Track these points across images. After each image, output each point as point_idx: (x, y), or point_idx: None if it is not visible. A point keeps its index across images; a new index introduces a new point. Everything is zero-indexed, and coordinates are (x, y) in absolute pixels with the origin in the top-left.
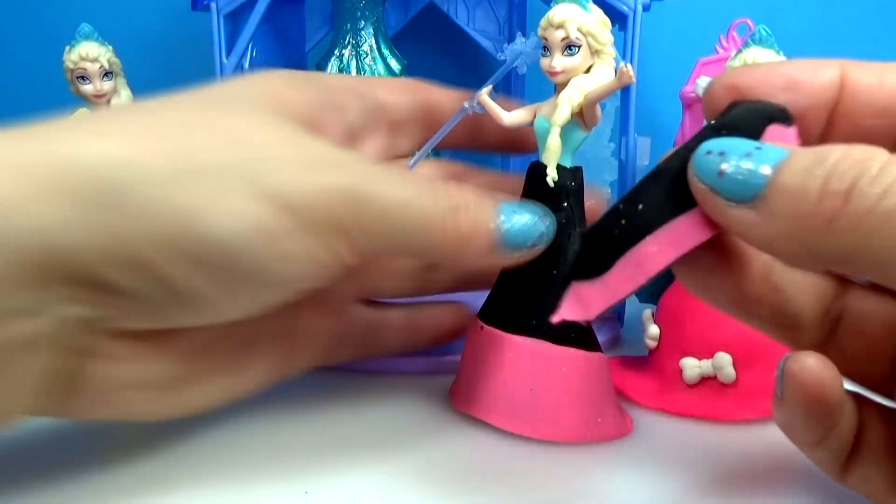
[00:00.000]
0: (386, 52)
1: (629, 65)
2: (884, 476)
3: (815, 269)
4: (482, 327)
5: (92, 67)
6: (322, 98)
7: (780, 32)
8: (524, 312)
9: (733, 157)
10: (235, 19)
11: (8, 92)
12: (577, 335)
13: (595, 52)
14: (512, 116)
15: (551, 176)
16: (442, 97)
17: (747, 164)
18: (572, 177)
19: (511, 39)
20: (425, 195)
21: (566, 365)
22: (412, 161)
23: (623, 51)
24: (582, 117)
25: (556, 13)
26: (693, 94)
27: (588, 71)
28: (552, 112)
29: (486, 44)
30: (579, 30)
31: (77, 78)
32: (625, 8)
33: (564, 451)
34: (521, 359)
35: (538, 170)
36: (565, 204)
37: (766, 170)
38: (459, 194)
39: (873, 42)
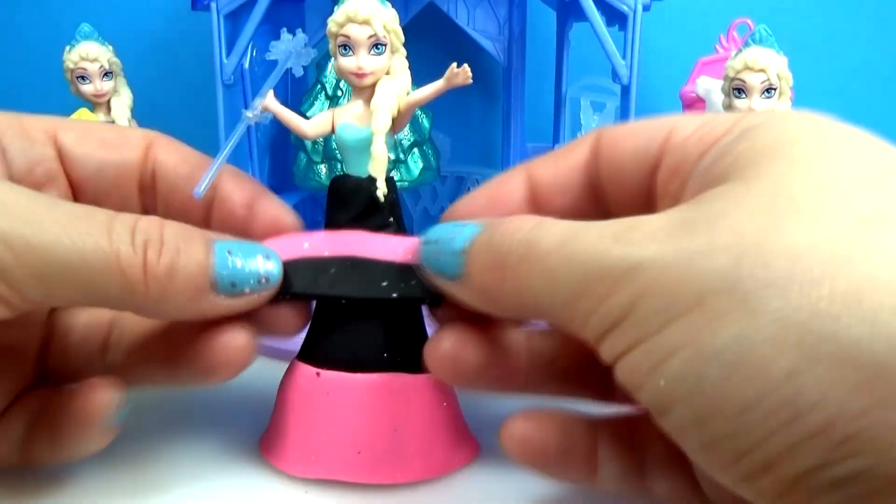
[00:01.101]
0: None
1: (466, 65)
2: (680, 481)
3: (517, 318)
4: (318, 374)
5: (92, 67)
6: None
7: (780, 32)
8: (370, 347)
9: (443, 242)
10: (235, 19)
11: (8, 92)
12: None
13: (393, 51)
14: (314, 125)
15: (382, 189)
16: (171, 160)
17: (451, 244)
18: (393, 188)
19: (511, 38)
20: (95, 232)
21: (427, 393)
22: (200, 186)
23: (623, 51)
24: (391, 122)
25: (358, 8)
26: (693, 94)
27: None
28: (362, 118)
29: (486, 44)
30: (384, 27)
31: (77, 78)
32: (625, 8)
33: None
34: (379, 399)
35: (353, 185)
36: (391, 219)
37: (465, 244)
38: (151, 229)
39: (873, 42)
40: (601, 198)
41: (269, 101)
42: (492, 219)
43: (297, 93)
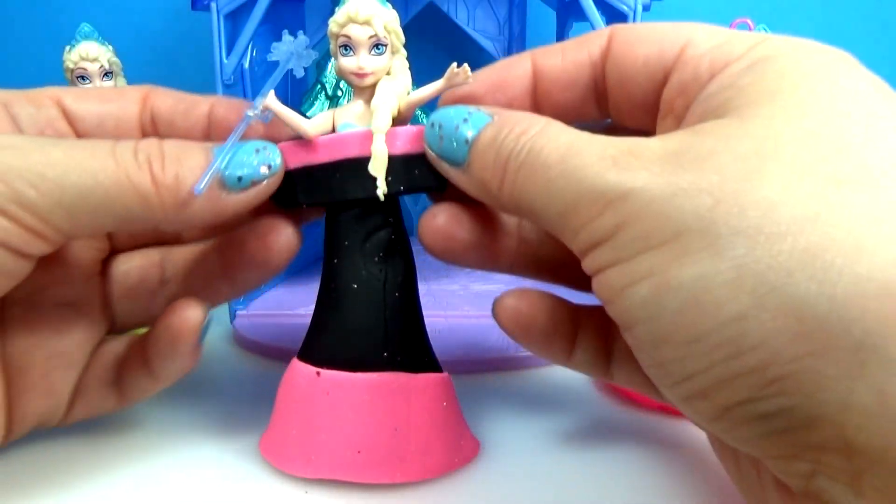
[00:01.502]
0: None
1: (466, 65)
2: (639, 375)
3: (513, 215)
4: (318, 373)
5: (92, 67)
6: None
7: (779, 32)
8: (370, 346)
9: (447, 129)
10: (235, 19)
11: None
12: (428, 359)
13: (394, 52)
14: (316, 125)
15: (382, 189)
16: (166, 103)
17: (457, 133)
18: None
19: (511, 38)
20: (101, 156)
21: (428, 392)
22: (200, 184)
23: None
24: (392, 122)
25: (359, 9)
26: None
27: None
28: (363, 118)
29: (486, 44)
30: (385, 27)
31: (77, 78)
32: (625, 8)
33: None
34: (379, 399)
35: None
36: (391, 219)
37: (470, 135)
38: (151, 146)
39: (873, 42)
40: (603, 100)
41: (271, 101)
42: (499, 110)
43: (298, 93)
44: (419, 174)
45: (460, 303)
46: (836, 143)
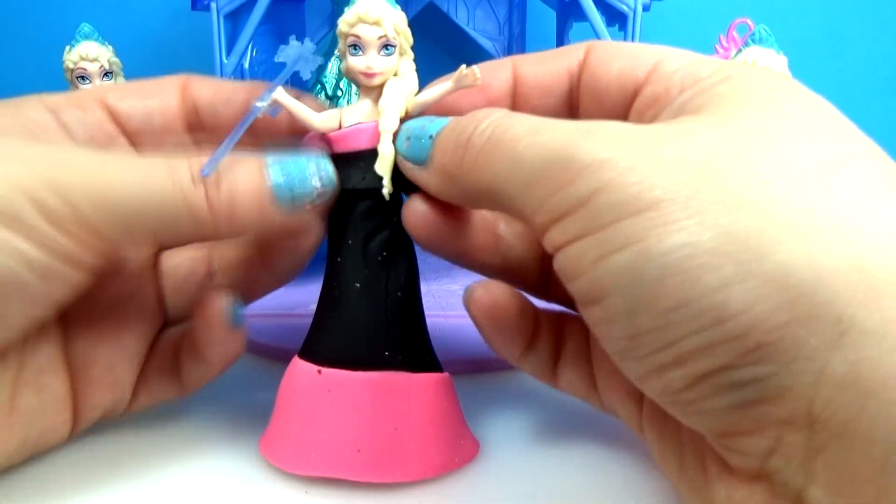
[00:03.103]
0: None
1: (475, 67)
2: (585, 379)
3: (476, 208)
4: (319, 371)
5: (92, 67)
6: (40, 119)
7: (780, 32)
8: (371, 344)
9: (414, 131)
10: (235, 19)
11: (8, 92)
12: (429, 359)
13: (401, 53)
14: (323, 119)
15: (387, 188)
16: (206, 92)
17: (422, 131)
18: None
19: (511, 38)
20: (158, 174)
21: (428, 392)
22: (206, 168)
23: None
24: (399, 123)
25: (369, 9)
26: None
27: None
28: (370, 118)
29: (486, 44)
30: (394, 28)
31: (77, 78)
32: (625, 8)
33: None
34: (380, 398)
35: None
36: (395, 218)
37: (434, 132)
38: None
39: (873, 42)
40: (576, 110)
41: (280, 95)
42: (462, 116)
43: None
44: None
45: (460, 303)
46: (814, 135)
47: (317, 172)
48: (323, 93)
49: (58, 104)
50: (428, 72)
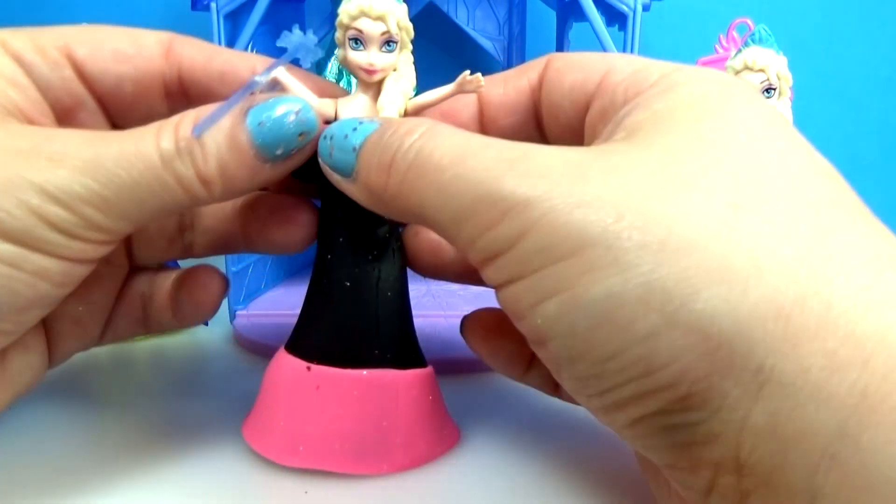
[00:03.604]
0: None
1: (479, 74)
2: (551, 379)
3: (401, 220)
4: (309, 367)
5: None
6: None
7: (780, 32)
8: (359, 342)
9: (337, 139)
10: (235, 19)
11: None
12: (415, 355)
13: (402, 47)
14: (322, 104)
15: None
16: (197, 58)
17: (346, 142)
18: None
19: (511, 38)
20: (150, 162)
21: (414, 389)
22: (199, 129)
23: (623, 51)
24: None
25: (373, 4)
26: None
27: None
28: (367, 113)
29: (485, 44)
30: (398, 24)
31: None
32: (625, 8)
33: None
34: (369, 395)
35: None
36: (385, 218)
37: (357, 143)
38: (189, 142)
39: (873, 42)
40: (542, 126)
41: (280, 73)
42: (387, 118)
43: None
44: None
45: (460, 303)
46: (733, 170)
47: (296, 120)
48: None
49: (18, 47)
50: (427, 72)
